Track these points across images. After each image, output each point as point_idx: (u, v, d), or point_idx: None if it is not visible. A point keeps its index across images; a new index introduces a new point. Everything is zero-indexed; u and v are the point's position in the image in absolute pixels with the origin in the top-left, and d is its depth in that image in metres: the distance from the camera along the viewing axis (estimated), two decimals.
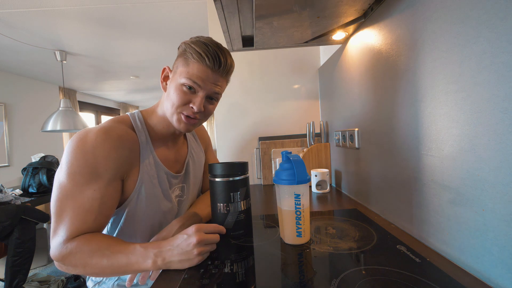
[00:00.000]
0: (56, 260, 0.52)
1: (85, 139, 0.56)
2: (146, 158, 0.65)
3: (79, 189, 0.54)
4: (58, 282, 1.90)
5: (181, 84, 0.60)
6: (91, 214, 0.54)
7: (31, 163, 2.28)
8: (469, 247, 0.45)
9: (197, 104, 0.61)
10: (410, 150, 0.60)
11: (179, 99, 0.61)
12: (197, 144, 0.87)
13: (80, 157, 0.55)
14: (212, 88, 0.62)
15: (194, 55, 0.59)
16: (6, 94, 2.98)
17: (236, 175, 0.65)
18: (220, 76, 0.62)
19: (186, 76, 0.60)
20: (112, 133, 0.58)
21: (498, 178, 0.39)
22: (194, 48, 0.59)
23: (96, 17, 1.84)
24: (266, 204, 1.00)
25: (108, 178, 0.57)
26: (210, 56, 0.59)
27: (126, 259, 0.51)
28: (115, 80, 3.67)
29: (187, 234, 0.53)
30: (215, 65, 0.60)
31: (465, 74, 0.44)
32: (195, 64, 0.59)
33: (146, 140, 0.66)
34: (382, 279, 0.44)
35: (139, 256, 0.51)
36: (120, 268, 0.52)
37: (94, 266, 0.51)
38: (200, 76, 0.60)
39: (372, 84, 0.78)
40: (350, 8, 0.71)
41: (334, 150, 1.18)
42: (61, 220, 0.53)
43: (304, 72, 1.43)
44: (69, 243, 0.52)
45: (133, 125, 0.66)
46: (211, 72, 0.60)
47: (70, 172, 0.54)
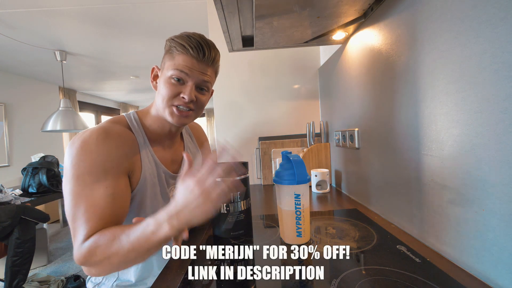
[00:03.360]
0: (81, 263, 0.51)
1: (86, 140, 0.56)
2: (146, 157, 0.66)
3: (90, 189, 0.53)
4: (58, 282, 1.90)
5: (169, 77, 0.61)
6: (107, 210, 0.53)
7: (31, 163, 2.28)
8: (469, 247, 0.45)
9: (187, 93, 0.61)
10: (410, 150, 0.60)
11: (169, 91, 0.61)
12: (194, 144, 0.88)
13: (85, 157, 0.54)
14: (199, 77, 0.62)
15: (178, 47, 0.60)
16: (6, 94, 2.98)
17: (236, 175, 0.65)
18: (206, 65, 0.63)
19: (172, 68, 0.60)
20: (112, 132, 0.59)
21: (498, 178, 0.39)
22: (177, 41, 0.60)
23: (96, 17, 1.84)
24: (266, 204, 1.00)
25: (116, 173, 0.56)
26: (194, 46, 0.60)
27: (143, 235, 0.48)
28: (115, 80, 3.67)
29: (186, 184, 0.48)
30: (199, 55, 0.60)
31: (465, 74, 0.44)
32: (180, 55, 0.60)
33: (144, 140, 0.67)
34: (382, 279, 0.44)
35: (153, 226, 0.48)
36: (142, 246, 0.48)
37: (117, 255, 0.49)
38: (187, 66, 0.60)
39: (372, 84, 0.78)
40: (350, 8, 0.71)
41: (334, 150, 1.18)
42: (77, 223, 0.52)
43: (304, 72, 1.43)
44: (86, 242, 0.50)
45: (129, 125, 0.66)
46: (197, 62, 0.61)
47: (78, 174, 0.53)
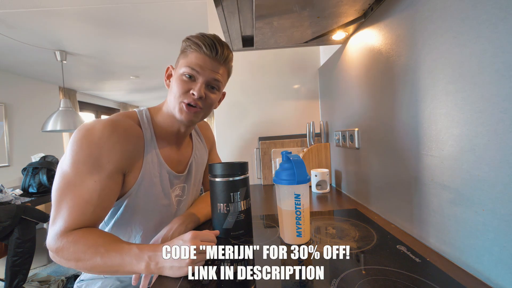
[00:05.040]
0: (51, 251, 0.52)
1: (92, 130, 0.57)
2: (149, 155, 0.66)
3: (80, 179, 0.54)
4: (58, 282, 1.90)
5: (181, 74, 0.63)
6: (90, 206, 0.54)
7: (31, 163, 2.28)
8: (469, 247, 0.45)
9: (197, 89, 0.62)
10: (410, 150, 0.60)
11: (180, 87, 0.63)
12: (202, 144, 0.88)
13: (86, 146, 0.55)
14: (211, 75, 0.63)
15: (192, 46, 0.62)
16: (6, 94, 2.98)
17: (236, 175, 0.65)
18: (218, 64, 0.64)
19: (185, 65, 0.62)
20: (119, 127, 0.59)
21: (498, 178, 0.39)
22: (192, 40, 0.62)
23: (96, 17, 1.84)
24: (266, 204, 1.00)
25: (110, 170, 0.57)
26: (207, 44, 0.61)
27: (120, 259, 0.50)
28: (115, 80, 3.67)
29: (182, 240, 0.51)
30: (212, 52, 0.62)
31: (465, 74, 0.44)
32: (193, 53, 0.62)
33: (151, 138, 0.67)
34: (382, 279, 0.44)
35: (134, 258, 0.49)
36: (113, 267, 0.50)
37: (86, 262, 0.50)
38: (198, 63, 0.62)
39: (372, 84, 0.78)
40: (350, 8, 0.71)
41: (334, 150, 1.18)
42: (60, 209, 0.53)
43: (304, 72, 1.43)
44: (66, 237, 0.51)
45: (139, 121, 0.67)
46: (209, 60, 0.63)
47: (74, 160, 0.55)
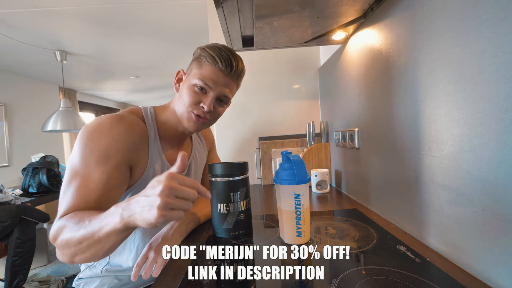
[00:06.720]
0: (52, 242, 0.51)
1: (99, 123, 0.58)
2: (153, 152, 0.67)
3: (87, 170, 0.55)
4: (58, 282, 1.90)
5: (193, 85, 0.64)
6: (93, 194, 0.54)
7: (31, 163, 2.28)
8: (469, 247, 0.45)
9: (207, 103, 0.64)
10: (410, 150, 0.60)
11: (190, 98, 0.64)
12: (202, 144, 0.88)
13: (95, 138, 0.56)
14: (222, 91, 0.65)
15: (208, 58, 0.63)
16: (6, 94, 2.98)
17: (236, 175, 0.65)
18: (231, 80, 0.66)
19: (198, 77, 0.63)
20: (125, 120, 0.61)
21: (498, 178, 0.39)
22: (209, 51, 0.63)
23: (96, 17, 1.84)
24: (266, 204, 1.00)
25: (118, 161, 0.57)
26: (223, 60, 0.62)
27: (99, 222, 0.46)
28: (115, 80, 3.67)
29: (157, 180, 0.42)
30: (227, 69, 0.63)
31: (465, 74, 0.44)
32: (208, 66, 0.63)
33: (155, 135, 0.69)
34: (382, 279, 0.44)
35: (110, 215, 0.45)
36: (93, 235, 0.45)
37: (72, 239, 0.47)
38: (212, 78, 0.63)
39: (372, 84, 0.78)
40: (350, 8, 0.71)
41: (334, 150, 1.18)
42: (65, 197, 0.53)
43: (304, 72, 1.43)
44: (60, 219, 0.50)
45: (144, 117, 0.68)
46: (223, 75, 0.64)
47: (83, 153, 0.56)
